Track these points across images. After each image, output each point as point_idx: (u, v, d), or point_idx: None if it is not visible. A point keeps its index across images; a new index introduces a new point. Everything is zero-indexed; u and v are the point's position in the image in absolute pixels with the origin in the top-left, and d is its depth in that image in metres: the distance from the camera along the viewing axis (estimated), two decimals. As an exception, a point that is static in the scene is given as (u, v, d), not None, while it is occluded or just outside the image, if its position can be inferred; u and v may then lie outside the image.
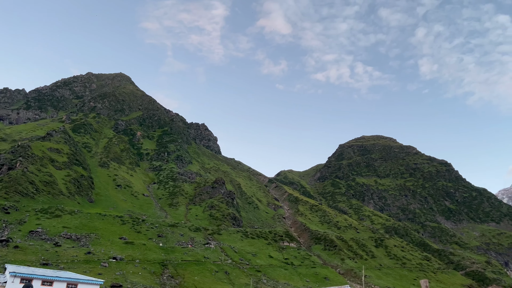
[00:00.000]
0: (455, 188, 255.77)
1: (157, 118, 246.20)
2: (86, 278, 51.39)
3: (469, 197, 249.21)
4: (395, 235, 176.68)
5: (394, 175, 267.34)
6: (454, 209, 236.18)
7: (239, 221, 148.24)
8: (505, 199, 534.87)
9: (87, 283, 49.80)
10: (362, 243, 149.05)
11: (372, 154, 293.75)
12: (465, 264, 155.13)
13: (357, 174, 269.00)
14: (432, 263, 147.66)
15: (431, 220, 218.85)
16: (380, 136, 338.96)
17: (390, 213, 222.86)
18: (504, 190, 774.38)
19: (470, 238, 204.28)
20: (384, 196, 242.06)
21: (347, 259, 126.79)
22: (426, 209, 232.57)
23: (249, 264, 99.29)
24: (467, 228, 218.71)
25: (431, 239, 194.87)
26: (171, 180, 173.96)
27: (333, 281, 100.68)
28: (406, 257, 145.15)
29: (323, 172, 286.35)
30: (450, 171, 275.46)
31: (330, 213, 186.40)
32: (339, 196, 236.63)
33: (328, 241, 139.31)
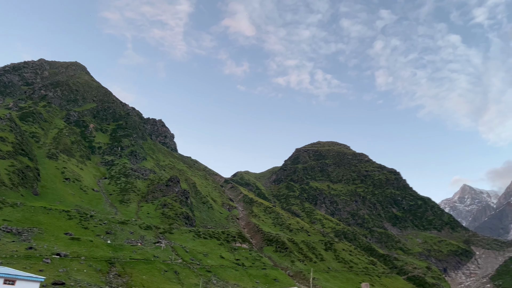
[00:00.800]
0: (402, 196, 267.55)
1: (112, 111, 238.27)
2: (25, 275, 48.66)
3: (415, 205, 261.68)
4: (344, 239, 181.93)
5: (346, 181, 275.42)
6: (400, 216, 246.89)
7: (192, 220, 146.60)
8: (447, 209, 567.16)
9: (26, 280, 47.19)
10: (312, 246, 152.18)
11: (327, 160, 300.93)
12: (407, 269, 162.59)
13: (311, 178, 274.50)
14: (377, 268, 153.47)
15: (378, 226, 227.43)
16: (335, 143, 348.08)
17: (341, 218, 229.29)
18: (447, 200, 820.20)
19: (414, 244, 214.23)
20: (335, 200, 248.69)
21: (297, 261, 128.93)
22: (375, 215, 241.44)
23: (200, 264, 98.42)
24: (411, 235, 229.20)
25: (378, 244, 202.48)
26: (124, 175, 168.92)
27: (282, 282, 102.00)
28: (354, 261, 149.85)
29: (279, 175, 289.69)
30: (399, 179, 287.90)
31: (283, 216, 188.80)
32: (293, 199, 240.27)
33: (279, 243, 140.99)
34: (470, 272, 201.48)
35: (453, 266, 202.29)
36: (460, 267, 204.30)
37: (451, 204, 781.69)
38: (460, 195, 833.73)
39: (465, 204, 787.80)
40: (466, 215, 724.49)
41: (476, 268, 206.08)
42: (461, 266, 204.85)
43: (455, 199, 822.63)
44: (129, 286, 72.16)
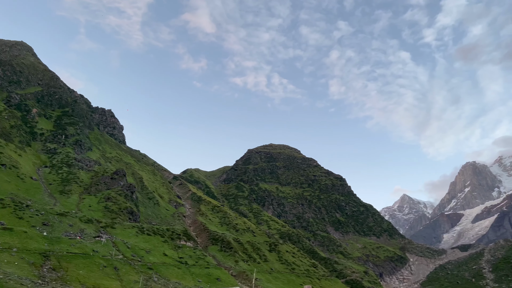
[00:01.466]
0: (346, 202, 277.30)
1: (58, 97, 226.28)
2: None
3: (357, 211, 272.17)
4: (289, 241, 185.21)
5: (295, 184, 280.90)
6: (343, 221, 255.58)
7: (137, 216, 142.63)
8: (387, 216, 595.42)
9: None
10: (257, 246, 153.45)
11: (277, 162, 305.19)
12: (346, 273, 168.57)
13: (261, 180, 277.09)
14: (318, 270, 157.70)
15: (322, 229, 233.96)
16: (286, 146, 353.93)
17: (287, 220, 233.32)
18: (387, 208, 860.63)
19: (354, 249, 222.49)
20: (283, 203, 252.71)
21: (241, 261, 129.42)
22: (319, 219, 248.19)
23: (142, 261, 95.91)
24: (352, 240, 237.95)
25: (320, 247, 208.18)
26: (66, 165, 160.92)
27: (225, 282, 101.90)
28: (296, 263, 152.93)
29: (229, 174, 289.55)
30: (344, 185, 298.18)
31: (230, 215, 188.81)
32: (241, 199, 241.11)
33: (225, 243, 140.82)
34: (404, 277, 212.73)
35: (389, 271, 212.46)
36: (395, 272, 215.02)
37: (391, 212, 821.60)
38: (399, 204, 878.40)
39: (404, 213, 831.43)
40: (404, 223, 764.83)
41: (409, 274, 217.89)
42: (395, 272, 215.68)
43: (394, 207, 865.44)
44: (64, 281, 68.77)
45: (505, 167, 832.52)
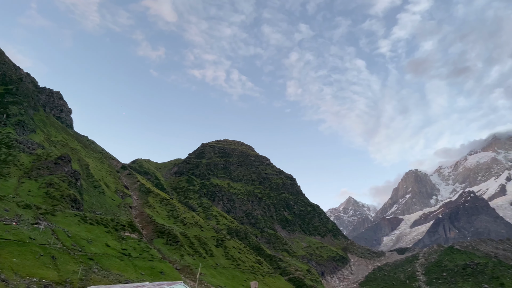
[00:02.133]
0: (295, 201, 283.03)
1: (1, 73, 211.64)
2: None
3: (305, 211, 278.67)
4: (236, 237, 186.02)
5: (246, 181, 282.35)
6: (290, 220, 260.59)
7: (80, 204, 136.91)
8: (332, 217, 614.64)
9: None
10: (204, 241, 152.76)
11: (231, 158, 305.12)
12: (290, 271, 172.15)
13: (213, 175, 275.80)
14: (263, 267, 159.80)
15: (269, 227, 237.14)
16: (240, 143, 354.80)
17: (236, 216, 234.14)
18: (333, 209, 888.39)
19: (299, 247, 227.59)
20: (233, 199, 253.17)
21: (186, 256, 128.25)
22: (268, 216, 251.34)
23: (82, 251, 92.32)
24: (297, 239, 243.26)
25: (267, 244, 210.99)
26: (5, 146, 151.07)
27: (168, 276, 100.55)
28: (241, 259, 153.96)
29: (181, 167, 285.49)
30: (294, 185, 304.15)
31: (179, 209, 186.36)
32: (191, 193, 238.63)
33: (171, 236, 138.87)
34: (344, 277, 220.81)
35: (330, 271, 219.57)
36: (336, 272, 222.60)
37: (336, 213, 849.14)
38: (345, 206, 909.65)
39: (348, 215, 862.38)
40: (348, 225, 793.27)
41: (349, 274, 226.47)
42: (336, 271, 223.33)
43: (340, 209, 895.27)
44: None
45: (443, 176, 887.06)
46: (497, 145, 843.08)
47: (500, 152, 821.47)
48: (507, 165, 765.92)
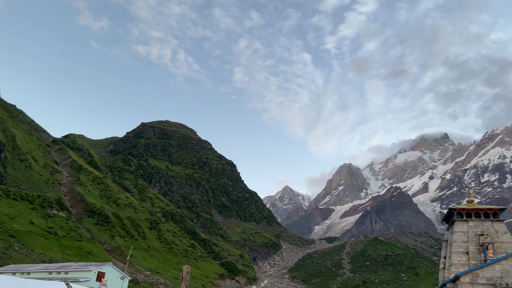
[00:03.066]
0: (234, 187, 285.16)
1: None
2: None
3: (242, 197, 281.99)
4: (171, 221, 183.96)
5: (186, 164, 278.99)
6: (227, 206, 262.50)
7: (3, 177, 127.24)
8: (268, 205, 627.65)
9: None
10: (137, 223, 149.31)
11: (171, 140, 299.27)
12: (223, 255, 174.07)
13: (152, 156, 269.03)
14: (196, 251, 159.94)
15: (206, 212, 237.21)
16: (182, 125, 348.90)
17: (172, 199, 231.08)
18: (269, 196, 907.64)
19: (234, 233, 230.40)
20: (171, 182, 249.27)
21: (117, 237, 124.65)
22: (205, 201, 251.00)
23: (2, 228, 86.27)
24: (233, 224, 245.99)
25: (202, 229, 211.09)
26: None
27: (97, 257, 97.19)
28: (175, 242, 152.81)
29: (117, 146, 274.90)
30: (234, 171, 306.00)
31: (113, 189, 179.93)
32: (127, 174, 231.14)
33: (102, 216, 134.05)
34: (275, 263, 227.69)
35: (262, 256, 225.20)
36: (268, 257, 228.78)
37: (273, 201, 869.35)
38: (281, 194, 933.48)
39: (284, 203, 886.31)
40: (283, 212, 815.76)
41: (280, 260, 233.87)
42: (268, 257, 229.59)
43: (276, 197, 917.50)
44: None
45: (374, 172, 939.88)
46: (424, 145, 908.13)
47: (426, 152, 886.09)
48: (431, 165, 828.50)
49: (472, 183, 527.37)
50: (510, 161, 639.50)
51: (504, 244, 47.69)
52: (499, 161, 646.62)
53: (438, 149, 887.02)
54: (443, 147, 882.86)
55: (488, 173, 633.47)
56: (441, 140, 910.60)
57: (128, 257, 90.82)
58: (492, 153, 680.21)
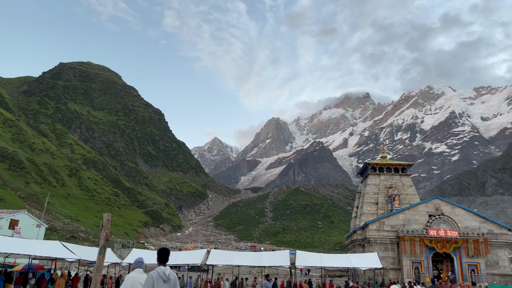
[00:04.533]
0: (161, 136, 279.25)
1: None
2: None
3: (170, 147, 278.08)
4: (93, 168, 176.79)
5: (110, 110, 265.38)
6: (154, 155, 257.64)
7: None
8: (196, 155, 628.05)
9: None
10: (55, 170, 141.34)
11: (94, 84, 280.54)
12: (148, 204, 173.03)
13: (72, 100, 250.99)
14: (120, 199, 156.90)
15: (131, 160, 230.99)
16: (106, 68, 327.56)
17: (94, 146, 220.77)
18: (198, 147, 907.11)
19: (160, 182, 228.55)
20: (93, 128, 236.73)
21: (33, 184, 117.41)
22: (130, 149, 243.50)
23: None
24: (159, 174, 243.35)
25: (126, 177, 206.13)
26: None
27: (9, 204, 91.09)
28: (97, 190, 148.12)
29: (32, 87, 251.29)
30: (161, 120, 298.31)
31: (27, 133, 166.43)
32: (43, 117, 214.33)
33: (16, 161, 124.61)
34: (200, 211, 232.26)
35: (188, 205, 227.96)
36: (193, 206, 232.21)
37: (201, 151, 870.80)
38: (210, 145, 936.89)
39: (212, 154, 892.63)
40: (211, 163, 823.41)
41: (206, 208, 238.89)
42: (194, 206, 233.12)
43: (205, 148, 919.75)
44: None
45: (300, 126, 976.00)
46: (347, 104, 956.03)
47: (349, 110, 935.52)
48: (352, 122, 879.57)
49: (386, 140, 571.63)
50: (421, 122, 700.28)
51: (408, 196, 53.08)
52: (412, 121, 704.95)
53: (359, 108, 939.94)
54: (364, 105, 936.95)
55: (401, 131, 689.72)
56: (363, 99, 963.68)
57: (46, 204, 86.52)
58: (407, 113, 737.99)
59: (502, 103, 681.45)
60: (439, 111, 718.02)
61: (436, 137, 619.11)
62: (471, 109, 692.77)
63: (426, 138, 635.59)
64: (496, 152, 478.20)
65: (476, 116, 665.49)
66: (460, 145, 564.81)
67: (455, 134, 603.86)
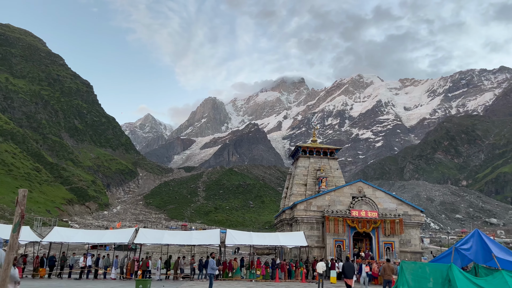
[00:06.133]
0: (89, 110, 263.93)
1: None
2: None
3: (99, 122, 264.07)
4: (11, 141, 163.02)
5: (32, 79, 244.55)
6: (81, 129, 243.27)
7: None
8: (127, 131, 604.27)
9: None
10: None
11: (13, 49, 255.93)
12: (73, 180, 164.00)
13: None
14: (42, 175, 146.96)
15: (55, 134, 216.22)
16: (28, 33, 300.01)
17: (13, 117, 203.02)
18: (129, 123, 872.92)
19: (86, 158, 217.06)
20: (12, 97, 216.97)
21: None
22: (54, 122, 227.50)
23: None
24: (86, 149, 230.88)
25: (49, 152, 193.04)
26: None
27: None
28: (15, 165, 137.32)
29: None
30: (90, 93, 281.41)
31: None
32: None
33: None
34: (130, 189, 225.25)
35: (117, 183, 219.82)
36: (122, 184, 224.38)
37: (132, 128, 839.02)
38: (142, 122, 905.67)
39: (144, 131, 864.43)
40: (142, 140, 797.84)
41: (135, 187, 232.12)
42: (123, 184, 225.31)
43: (137, 124, 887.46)
44: None
45: (236, 107, 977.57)
46: (283, 87, 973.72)
47: (284, 94, 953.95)
48: (287, 105, 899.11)
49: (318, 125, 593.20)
50: (350, 109, 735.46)
51: (335, 178, 55.88)
52: (342, 107, 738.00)
53: (294, 92, 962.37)
54: (299, 90, 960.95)
55: (332, 117, 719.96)
56: (298, 83, 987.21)
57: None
58: (338, 100, 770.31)
59: (423, 95, 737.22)
60: (367, 99, 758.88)
61: (363, 124, 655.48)
62: (395, 99, 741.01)
63: (354, 125, 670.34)
64: (415, 140, 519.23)
65: (400, 106, 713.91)
66: (384, 132, 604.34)
67: (380, 122, 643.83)
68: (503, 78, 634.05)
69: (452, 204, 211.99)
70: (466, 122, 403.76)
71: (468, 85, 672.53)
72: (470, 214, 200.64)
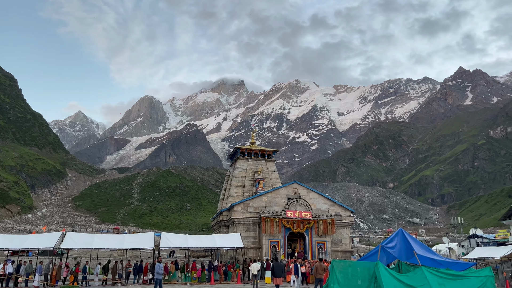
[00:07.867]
0: (12, 105, 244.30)
1: None
2: None
3: (23, 118, 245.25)
4: None
5: None
6: (2, 126, 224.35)
7: None
8: (56, 129, 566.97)
9: None
10: None
11: None
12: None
13: None
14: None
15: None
16: None
17: None
18: (58, 121, 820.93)
19: (8, 157, 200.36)
20: None
21: None
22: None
23: None
24: (8, 147, 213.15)
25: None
26: None
27: None
28: None
29: None
30: (13, 87, 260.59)
31: None
32: None
33: None
34: (58, 191, 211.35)
35: (43, 184, 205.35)
36: (49, 185, 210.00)
37: (61, 126, 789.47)
38: (72, 120, 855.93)
39: (75, 129, 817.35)
40: (72, 139, 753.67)
41: (64, 188, 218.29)
42: (50, 185, 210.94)
43: (66, 122, 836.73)
44: None
45: (175, 107, 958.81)
46: (223, 89, 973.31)
47: (224, 95, 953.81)
48: (227, 107, 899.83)
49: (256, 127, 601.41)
50: (287, 112, 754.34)
51: (272, 180, 56.86)
52: (280, 111, 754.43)
53: (234, 94, 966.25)
54: (238, 92, 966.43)
55: (270, 120, 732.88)
56: (237, 86, 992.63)
57: None
58: (276, 103, 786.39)
59: (355, 101, 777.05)
60: (304, 104, 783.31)
61: (299, 128, 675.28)
62: (330, 105, 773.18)
63: (291, 128, 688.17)
64: (347, 144, 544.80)
65: (334, 111, 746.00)
66: (319, 136, 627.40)
67: (315, 126, 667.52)
68: (426, 88, 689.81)
69: (380, 205, 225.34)
70: (393, 128, 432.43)
71: (396, 93, 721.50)
72: (396, 215, 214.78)
